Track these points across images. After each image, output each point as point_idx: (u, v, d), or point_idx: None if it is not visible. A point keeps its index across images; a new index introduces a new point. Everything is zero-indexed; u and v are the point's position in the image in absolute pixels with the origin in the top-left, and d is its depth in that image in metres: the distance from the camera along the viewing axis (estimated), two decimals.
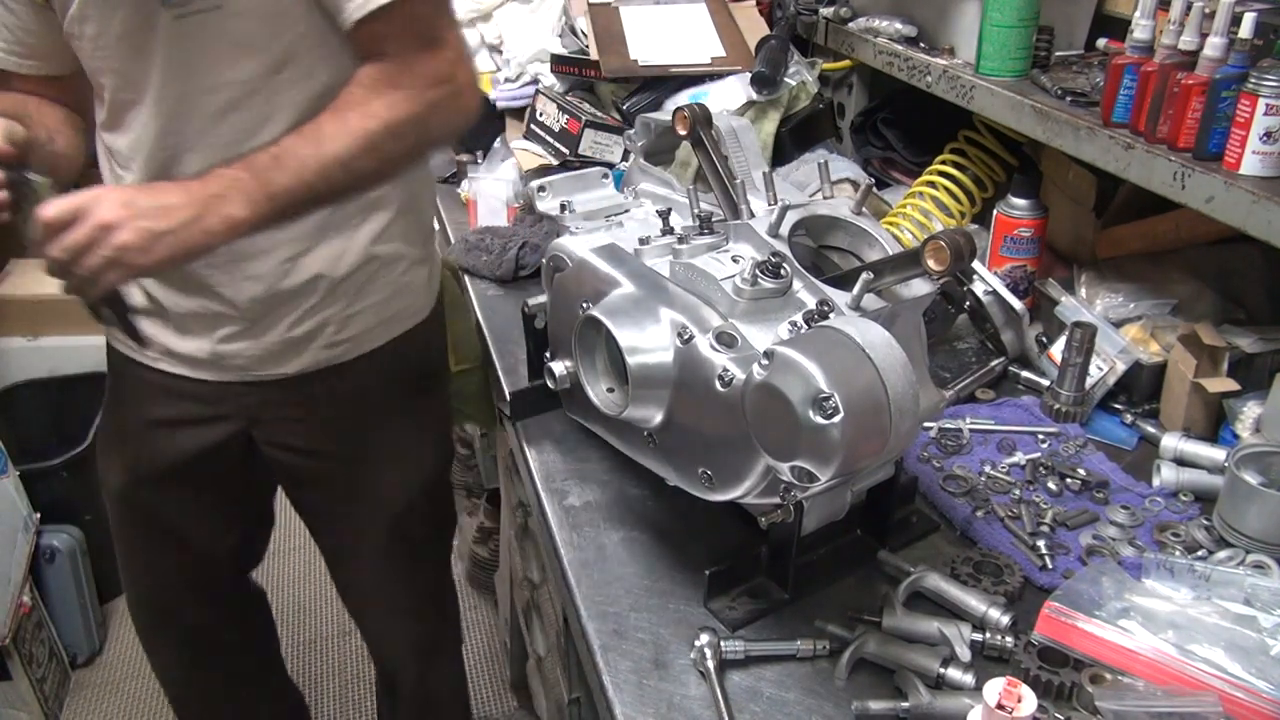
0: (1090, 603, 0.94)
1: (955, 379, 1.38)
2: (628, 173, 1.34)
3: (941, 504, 1.18)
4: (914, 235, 1.59)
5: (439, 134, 1.25)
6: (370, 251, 1.34)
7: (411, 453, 1.52)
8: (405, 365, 1.46)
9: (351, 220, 1.32)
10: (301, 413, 1.41)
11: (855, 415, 0.77)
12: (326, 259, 1.31)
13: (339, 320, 1.36)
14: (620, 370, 1.00)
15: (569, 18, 2.04)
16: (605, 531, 1.14)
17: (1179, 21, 1.14)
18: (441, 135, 1.26)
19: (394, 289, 1.39)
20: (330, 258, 1.31)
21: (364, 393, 1.43)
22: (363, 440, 1.47)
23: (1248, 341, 1.25)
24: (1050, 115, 1.32)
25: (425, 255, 1.45)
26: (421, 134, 1.19)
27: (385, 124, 1.14)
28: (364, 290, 1.36)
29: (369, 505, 1.52)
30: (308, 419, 1.42)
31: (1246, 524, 1.07)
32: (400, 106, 1.15)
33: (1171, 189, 1.15)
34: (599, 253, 1.09)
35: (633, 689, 0.94)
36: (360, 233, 1.33)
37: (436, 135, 1.25)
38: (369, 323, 1.38)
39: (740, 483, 0.93)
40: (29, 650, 2.21)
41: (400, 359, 1.44)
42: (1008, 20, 1.40)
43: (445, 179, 2.21)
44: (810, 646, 0.97)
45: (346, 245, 1.32)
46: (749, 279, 0.94)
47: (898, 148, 1.83)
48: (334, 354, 1.37)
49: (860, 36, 1.78)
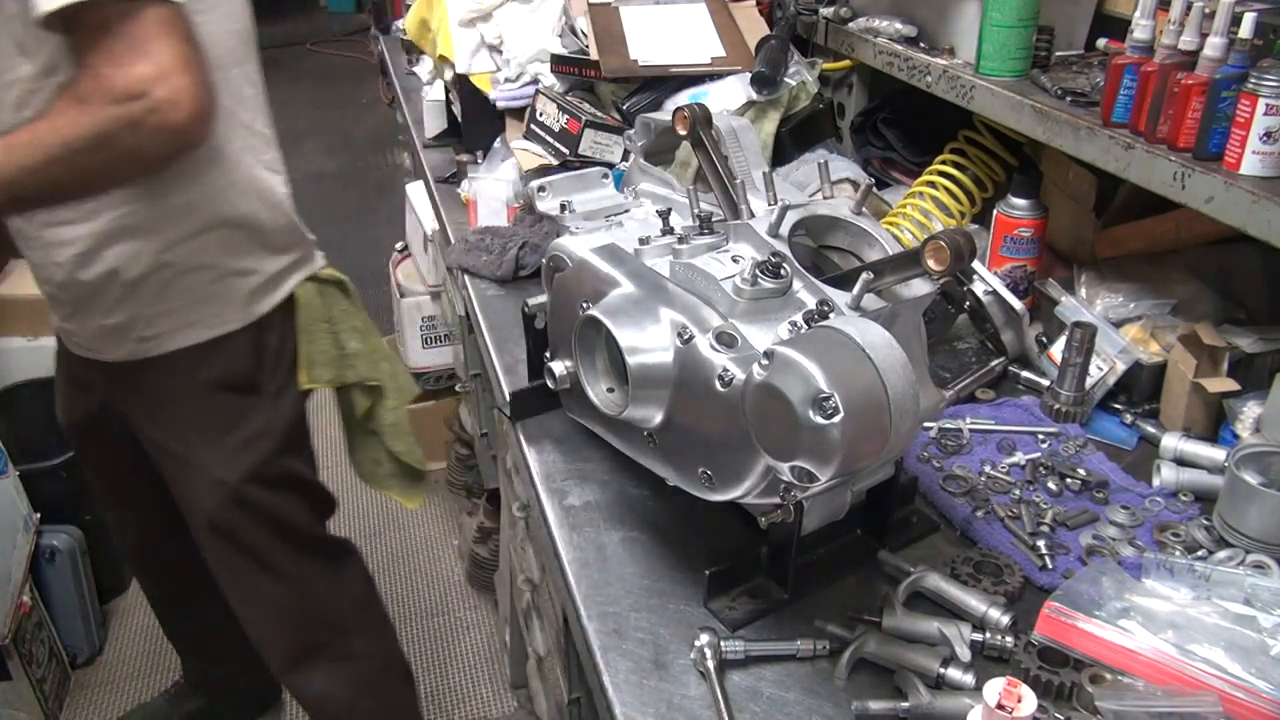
0: (1090, 603, 0.94)
1: (955, 379, 1.38)
2: (628, 173, 1.34)
3: (941, 504, 1.18)
4: (914, 235, 1.59)
5: (138, 153, 1.20)
6: (163, 258, 1.44)
7: (220, 457, 1.58)
8: (213, 371, 1.54)
9: (145, 225, 1.41)
10: (134, 398, 1.58)
11: (855, 415, 0.77)
12: (120, 258, 1.42)
13: (146, 317, 1.48)
14: (620, 370, 1.00)
15: (569, 18, 2.04)
16: (605, 531, 1.14)
17: (1179, 21, 1.14)
18: (144, 154, 1.21)
19: (198, 297, 1.49)
20: (123, 257, 1.42)
21: (172, 390, 1.55)
22: (176, 436, 1.59)
23: (1248, 341, 1.25)
24: (1050, 115, 1.32)
25: (247, 270, 1.52)
26: (110, 151, 1.17)
27: (63, 139, 1.16)
28: (165, 293, 1.47)
29: (187, 503, 1.64)
30: (138, 405, 1.59)
31: (1246, 524, 1.07)
32: (79, 122, 1.16)
33: (1171, 189, 1.15)
34: (599, 253, 1.09)
35: (633, 689, 0.94)
36: (154, 239, 1.43)
37: (134, 153, 1.20)
38: (173, 324, 1.50)
39: (740, 483, 0.93)
40: (29, 650, 2.21)
41: (207, 364, 1.53)
42: (1008, 20, 1.39)
43: (445, 179, 2.21)
44: (810, 646, 0.97)
45: (140, 248, 1.42)
46: (749, 279, 0.94)
47: (898, 148, 1.83)
48: (145, 348, 1.51)
49: (860, 36, 1.78)
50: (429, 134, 2.47)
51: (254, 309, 1.55)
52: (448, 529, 3.01)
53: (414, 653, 2.58)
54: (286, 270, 1.59)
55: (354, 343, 1.70)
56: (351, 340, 1.70)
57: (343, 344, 1.69)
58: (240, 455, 1.59)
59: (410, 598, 2.77)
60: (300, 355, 1.63)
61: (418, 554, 2.93)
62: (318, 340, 1.64)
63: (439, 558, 2.91)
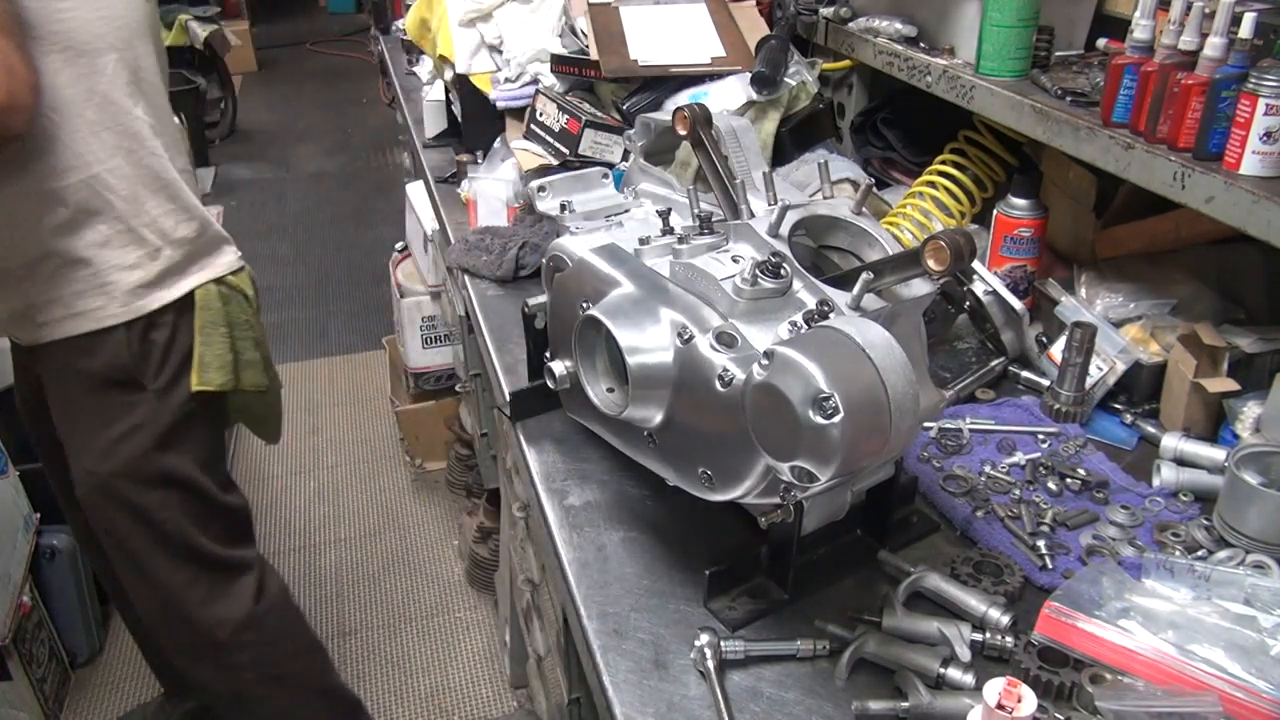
0: (1090, 603, 0.94)
1: (955, 379, 1.38)
2: (628, 173, 1.34)
3: (941, 504, 1.18)
4: (914, 235, 1.59)
5: None
6: (44, 248, 1.50)
7: (93, 448, 1.61)
8: (92, 362, 1.58)
9: (30, 217, 1.48)
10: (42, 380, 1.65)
11: (855, 415, 0.77)
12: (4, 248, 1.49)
13: (39, 304, 1.54)
14: (620, 370, 1.00)
15: (569, 18, 2.04)
16: (605, 531, 1.14)
17: (1179, 21, 1.14)
18: None
19: (79, 289, 1.53)
20: (7, 247, 1.49)
21: (57, 377, 1.61)
22: (62, 421, 1.65)
23: (1248, 341, 1.25)
24: (1050, 115, 1.32)
25: (129, 265, 1.55)
26: None
27: None
28: (52, 282, 1.52)
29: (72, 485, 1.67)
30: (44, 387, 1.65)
31: (1246, 524, 1.07)
32: None
33: (1171, 189, 1.15)
34: (599, 253, 1.09)
35: (633, 689, 0.94)
36: (22, 230, 1.48)
37: None
38: (59, 314, 1.55)
39: (740, 483, 0.93)
40: (29, 650, 2.21)
41: (88, 355, 1.57)
42: (1008, 20, 1.39)
43: (445, 179, 2.21)
44: (810, 646, 0.97)
45: (13, 239, 1.49)
46: (749, 279, 0.94)
47: (898, 148, 1.83)
48: (40, 334, 1.57)
49: (860, 36, 1.78)
50: (429, 134, 2.48)
51: (138, 304, 1.57)
52: (448, 529, 3.01)
53: (414, 653, 2.58)
54: (178, 267, 1.60)
55: (250, 352, 1.73)
56: (248, 349, 1.73)
57: (239, 350, 1.70)
58: (114, 449, 1.61)
59: (410, 598, 2.77)
60: (194, 356, 1.64)
61: (418, 554, 2.93)
62: (214, 344, 1.66)
63: (439, 558, 2.91)
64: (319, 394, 3.73)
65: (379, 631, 2.65)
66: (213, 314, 1.65)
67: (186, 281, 1.62)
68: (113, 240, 1.53)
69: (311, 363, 3.95)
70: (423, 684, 2.49)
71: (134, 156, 1.53)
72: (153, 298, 1.58)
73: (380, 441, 3.44)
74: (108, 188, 1.51)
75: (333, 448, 3.43)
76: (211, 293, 1.65)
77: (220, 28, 6.15)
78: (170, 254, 1.59)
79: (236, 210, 5.38)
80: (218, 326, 1.66)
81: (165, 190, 1.58)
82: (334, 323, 4.27)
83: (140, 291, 1.57)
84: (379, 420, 3.54)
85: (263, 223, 5.28)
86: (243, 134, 6.55)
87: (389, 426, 3.46)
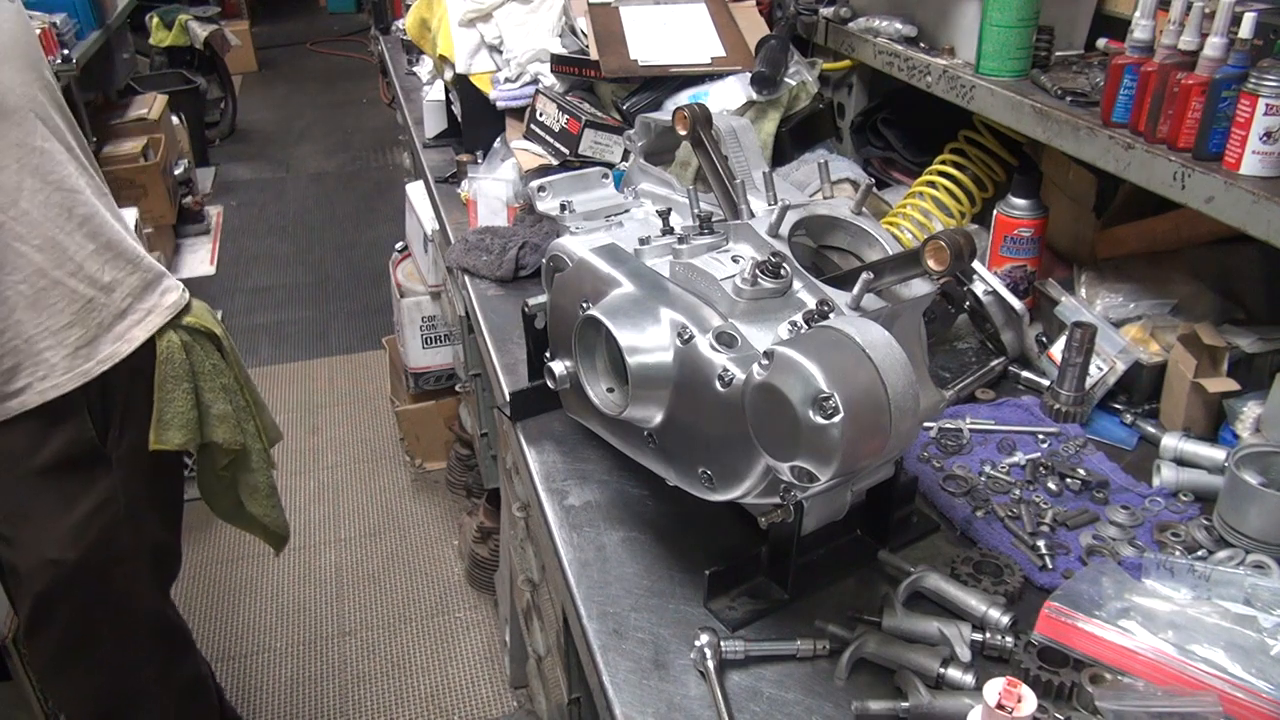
0: (1090, 603, 0.94)
1: (955, 379, 1.38)
2: (628, 173, 1.34)
3: (941, 504, 1.18)
4: (914, 235, 1.59)
5: None
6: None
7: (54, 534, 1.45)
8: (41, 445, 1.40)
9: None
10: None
11: (855, 415, 0.77)
12: None
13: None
14: (620, 370, 1.00)
15: (569, 18, 2.04)
16: (605, 531, 1.14)
17: (1179, 21, 1.14)
18: None
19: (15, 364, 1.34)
20: None
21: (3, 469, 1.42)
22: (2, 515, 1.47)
23: (1248, 341, 1.25)
24: (1050, 115, 1.32)
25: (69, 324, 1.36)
26: None
27: None
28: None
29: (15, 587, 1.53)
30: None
31: (1246, 524, 1.07)
32: None
33: (1171, 189, 1.15)
34: (599, 253, 1.09)
35: (633, 689, 0.94)
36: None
37: None
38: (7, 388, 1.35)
39: (740, 483, 0.93)
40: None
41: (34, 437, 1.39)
42: (1008, 20, 1.39)
43: (445, 179, 2.21)
44: (810, 646, 0.97)
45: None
46: (749, 279, 0.94)
47: (898, 148, 1.83)
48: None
49: (860, 36, 1.78)
50: (429, 134, 2.48)
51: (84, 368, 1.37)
52: (448, 529, 3.01)
53: (414, 653, 2.59)
54: (119, 315, 1.40)
55: (220, 404, 1.53)
56: (218, 401, 1.53)
57: (207, 404, 1.52)
58: (81, 532, 1.44)
59: (410, 598, 2.77)
60: (153, 413, 1.46)
61: (418, 554, 2.93)
62: (174, 400, 1.47)
63: (439, 558, 2.91)
64: (319, 394, 3.73)
65: (379, 631, 2.65)
66: (174, 367, 1.46)
67: (137, 331, 1.42)
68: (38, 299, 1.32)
69: (311, 363, 3.95)
70: (423, 684, 2.49)
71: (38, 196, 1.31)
72: (99, 359, 1.38)
73: (380, 441, 3.44)
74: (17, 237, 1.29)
75: (332, 448, 3.43)
76: (174, 344, 1.46)
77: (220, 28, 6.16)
78: (106, 301, 1.38)
79: (236, 210, 5.38)
80: (180, 381, 1.47)
81: (84, 227, 1.36)
82: (334, 323, 4.27)
83: (84, 353, 1.36)
84: (379, 420, 3.54)
85: (263, 223, 5.28)
86: (243, 134, 6.55)
87: (389, 426, 3.46)
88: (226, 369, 1.57)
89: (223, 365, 1.56)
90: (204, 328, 1.53)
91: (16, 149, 1.31)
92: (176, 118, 4.95)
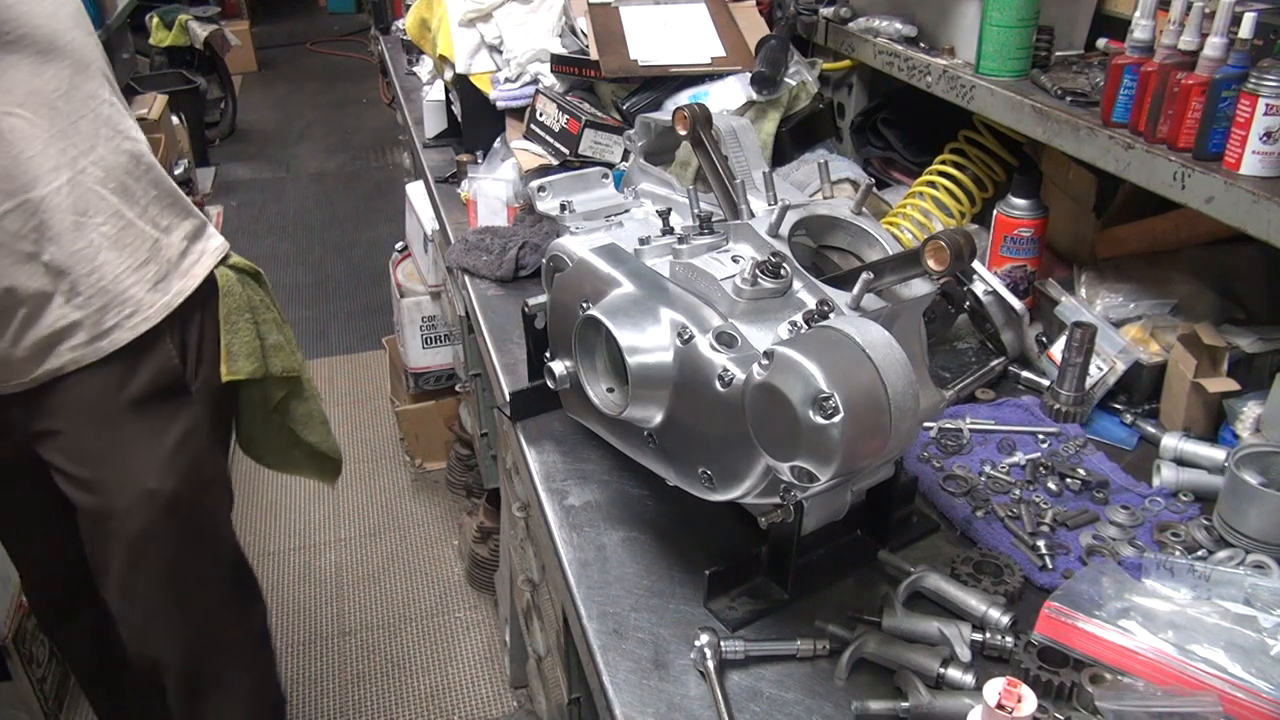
0: (1090, 603, 0.94)
1: (955, 379, 1.38)
2: (628, 173, 1.34)
3: (941, 504, 1.18)
4: (914, 235, 1.59)
5: None
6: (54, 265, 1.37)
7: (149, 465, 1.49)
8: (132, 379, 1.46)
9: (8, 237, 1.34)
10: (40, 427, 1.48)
11: (855, 415, 0.77)
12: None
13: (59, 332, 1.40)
14: (620, 370, 1.00)
15: (569, 18, 2.04)
16: (605, 531, 1.14)
17: (1179, 21, 1.14)
18: None
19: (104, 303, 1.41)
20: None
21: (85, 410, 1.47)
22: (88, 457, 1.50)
23: (1248, 341, 1.25)
24: (1050, 115, 1.32)
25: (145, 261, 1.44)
26: None
27: None
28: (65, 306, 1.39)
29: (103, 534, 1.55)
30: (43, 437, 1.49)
31: (1246, 524, 1.07)
32: None
33: (1171, 189, 1.15)
34: (599, 253, 1.09)
35: (633, 689, 0.94)
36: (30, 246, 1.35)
37: None
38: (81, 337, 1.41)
39: (740, 483, 0.93)
40: (29, 650, 2.21)
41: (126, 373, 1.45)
42: (1008, 20, 1.39)
43: (445, 179, 2.21)
44: (810, 646, 0.97)
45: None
46: (749, 279, 0.94)
47: (898, 148, 1.83)
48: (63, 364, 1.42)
49: (860, 36, 1.78)
50: (429, 134, 2.48)
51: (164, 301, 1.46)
52: (448, 529, 3.01)
53: (414, 653, 2.59)
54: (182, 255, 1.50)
55: (274, 334, 1.63)
56: (271, 333, 1.62)
57: (263, 335, 1.61)
58: (172, 461, 1.49)
59: (410, 598, 2.77)
60: (221, 346, 1.54)
61: (418, 554, 2.93)
62: (240, 330, 1.56)
63: (439, 558, 2.91)
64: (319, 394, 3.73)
65: (379, 631, 2.65)
66: (235, 299, 1.55)
67: (198, 269, 1.51)
68: (119, 239, 1.41)
69: (311, 363, 3.94)
70: (423, 684, 2.49)
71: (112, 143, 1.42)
72: (174, 292, 1.47)
73: (380, 441, 3.44)
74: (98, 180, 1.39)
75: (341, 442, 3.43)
76: (230, 277, 1.55)
77: (220, 28, 6.16)
78: (169, 241, 1.48)
79: (236, 210, 5.38)
80: (242, 312, 1.56)
81: (149, 174, 1.47)
82: (334, 323, 4.28)
83: (161, 287, 1.46)
84: (379, 420, 3.54)
85: (263, 223, 5.28)
86: (243, 134, 6.55)
87: (389, 426, 3.46)
88: (272, 304, 1.67)
89: (269, 300, 1.66)
90: (248, 267, 1.63)
91: (91, 100, 1.40)
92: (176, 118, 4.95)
